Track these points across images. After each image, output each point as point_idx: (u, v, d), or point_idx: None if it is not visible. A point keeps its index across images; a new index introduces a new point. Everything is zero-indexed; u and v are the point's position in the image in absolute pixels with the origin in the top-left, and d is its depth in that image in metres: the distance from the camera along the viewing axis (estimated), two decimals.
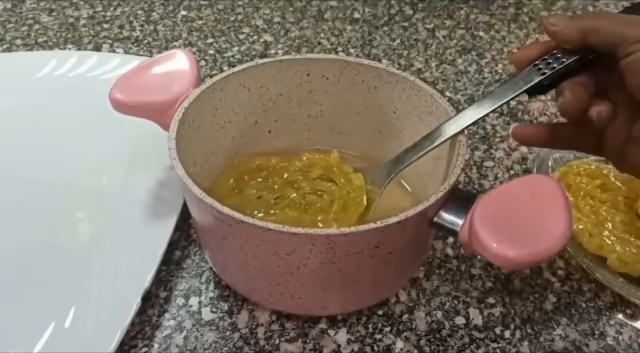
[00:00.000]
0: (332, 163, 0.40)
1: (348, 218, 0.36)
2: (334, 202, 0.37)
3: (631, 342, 0.37)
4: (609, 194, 0.43)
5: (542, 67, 0.33)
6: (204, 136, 0.38)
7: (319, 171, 0.39)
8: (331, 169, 0.39)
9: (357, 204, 0.37)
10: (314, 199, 0.38)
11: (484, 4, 0.70)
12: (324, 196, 0.38)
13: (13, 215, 0.42)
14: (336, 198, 0.37)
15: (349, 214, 0.37)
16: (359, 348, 0.36)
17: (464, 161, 0.33)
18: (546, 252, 0.28)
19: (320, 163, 0.40)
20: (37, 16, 0.66)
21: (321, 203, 0.37)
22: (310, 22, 0.66)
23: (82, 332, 0.34)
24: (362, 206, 0.37)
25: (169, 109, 0.36)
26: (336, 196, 0.38)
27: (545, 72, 0.33)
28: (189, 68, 0.38)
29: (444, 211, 0.31)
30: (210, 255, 0.38)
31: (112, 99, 0.37)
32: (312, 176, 0.39)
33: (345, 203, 0.37)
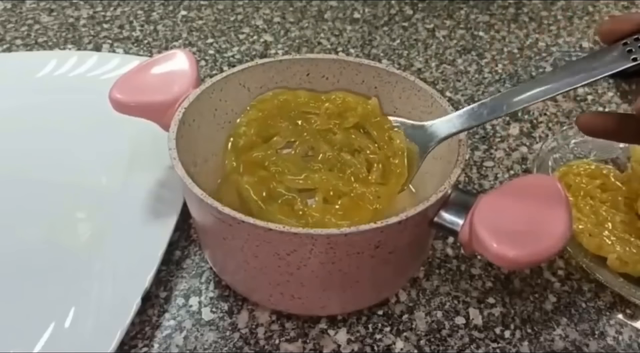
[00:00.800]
0: (370, 112, 0.35)
1: (389, 192, 0.33)
2: (372, 167, 0.34)
3: (631, 342, 0.37)
4: (609, 194, 0.43)
5: (633, 50, 0.28)
6: (204, 136, 0.38)
7: (354, 119, 0.35)
8: (369, 119, 0.35)
9: (398, 176, 0.33)
10: (349, 160, 0.34)
11: (484, 4, 0.70)
12: (361, 157, 0.34)
13: (13, 215, 0.42)
14: (375, 161, 0.34)
15: (390, 187, 0.33)
16: (359, 348, 0.36)
17: (464, 161, 0.33)
18: (546, 252, 0.28)
19: (356, 108, 0.35)
20: (37, 16, 0.66)
21: (358, 166, 0.33)
22: (310, 22, 0.66)
23: (82, 332, 0.34)
24: (404, 178, 0.33)
25: (169, 109, 0.36)
26: (375, 159, 0.34)
27: (636, 58, 0.28)
28: (189, 68, 0.38)
29: (444, 211, 0.31)
30: (210, 255, 0.38)
31: (112, 99, 0.37)
32: (347, 125, 0.35)
33: (385, 171, 0.33)
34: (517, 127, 0.53)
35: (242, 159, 0.34)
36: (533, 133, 0.52)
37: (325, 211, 0.32)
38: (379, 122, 0.35)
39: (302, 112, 0.36)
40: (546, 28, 0.66)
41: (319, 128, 0.35)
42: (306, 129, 0.35)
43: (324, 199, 0.32)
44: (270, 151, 0.34)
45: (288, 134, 0.35)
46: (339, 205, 0.32)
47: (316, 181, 0.33)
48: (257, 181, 0.33)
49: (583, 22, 0.68)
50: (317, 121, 0.35)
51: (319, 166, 0.34)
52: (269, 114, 0.35)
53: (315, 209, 0.32)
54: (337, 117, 0.35)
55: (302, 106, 0.36)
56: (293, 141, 0.35)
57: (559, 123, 0.53)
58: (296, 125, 0.35)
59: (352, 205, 0.32)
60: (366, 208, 0.32)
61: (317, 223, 0.32)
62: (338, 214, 0.32)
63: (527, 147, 0.51)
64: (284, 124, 0.35)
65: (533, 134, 0.52)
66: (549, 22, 0.67)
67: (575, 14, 0.69)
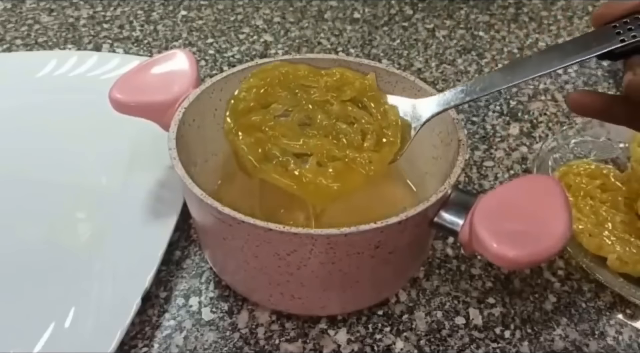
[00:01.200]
0: (367, 86, 0.36)
1: (382, 159, 0.33)
2: (366, 136, 0.34)
3: (631, 342, 0.37)
4: (609, 194, 0.43)
5: (622, 32, 0.30)
6: (204, 136, 0.38)
7: (352, 93, 0.36)
8: (365, 93, 0.36)
9: (391, 144, 0.34)
10: (344, 128, 0.34)
11: (484, 4, 0.70)
12: (355, 127, 0.34)
13: (13, 215, 0.42)
14: (369, 131, 0.34)
15: (382, 154, 0.34)
16: (359, 348, 0.36)
17: (464, 161, 0.33)
18: (546, 252, 0.28)
19: (354, 82, 0.36)
20: (37, 16, 0.66)
21: (352, 135, 0.34)
22: (310, 22, 0.66)
23: (82, 332, 0.34)
24: (396, 147, 0.34)
25: (169, 109, 0.36)
26: (369, 129, 0.34)
27: (624, 39, 0.30)
28: (189, 68, 0.38)
29: (445, 211, 0.31)
30: (210, 255, 0.38)
31: (112, 99, 0.37)
32: (344, 98, 0.35)
33: (379, 140, 0.34)
34: (517, 127, 0.53)
35: (240, 122, 0.34)
36: (533, 133, 0.52)
37: (319, 173, 0.32)
38: (375, 96, 0.36)
39: (301, 84, 0.36)
40: (546, 28, 0.66)
41: (317, 99, 0.35)
42: (304, 98, 0.35)
43: (318, 163, 0.33)
44: (268, 116, 0.34)
45: (286, 103, 0.35)
46: (332, 168, 0.32)
47: (311, 146, 0.33)
48: (253, 142, 0.33)
49: (583, 22, 0.68)
50: (315, 92, 0.36)
51: (315, 133, 0.34)
52: (269, 83, 0.36)
53: (309, 170, 0.32)
54: (335, 91, 0.36)
55: (302, 78, 0.36)
56: (291, 110, 0.35)
57: (559, 123, 0.53)
58: (295, 95, 0.35)
59: (344, 169, 0.32)
60: (358, 172, 0.33)
61: (309, 184, 0.32)
62: (331, 177, 0.32)
63: (527, 147, 0.51)
64: (283, 93, 0.35)
65: (533, 134, 0.52)
66: (549, 22, 0.67)
67: (575, 14, 0.69)
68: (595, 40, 0.31)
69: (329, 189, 0.32)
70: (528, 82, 0.58)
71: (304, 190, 0.32)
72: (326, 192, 0.32)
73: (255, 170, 0.32)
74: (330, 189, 0.32)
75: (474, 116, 0.54)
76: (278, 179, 0.32)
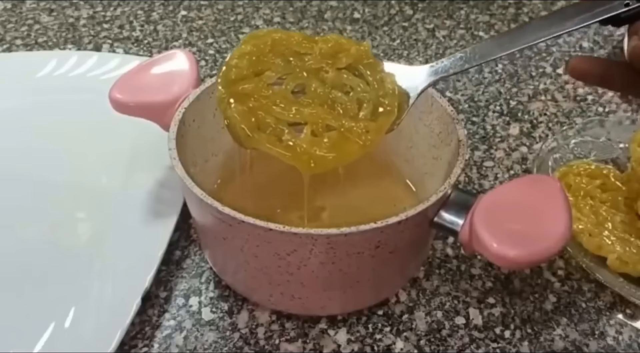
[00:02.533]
0: (363, 53, 0.35)
1: (378, 128, 0.33)
2: (362, 104, 0.33)
3: (631, 342, 0.37)
4: (609, 194, 0.43)
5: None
6: (204, 137, 0.38)
7: (348, 60, 0.35)
8: (361, 61, 0.35)
9: (388, 113, 0.33)
10: (339, 97, 0.33)
11: (484, 4, 0.70)
12: (351, 95, 0.34)
13: (13, 215, 0.42)
14: (365, 100, 0.33)
15: (379, 123, 0.33)
16: (359, 348, 0.36)
17: (464, 161, 0.33)
18: (546, 252, 0.28)
19: (349, 49, 0.35)
20: (37, 16, 0.66)
21: (348, 104, 0.33)
22: (310, 22, 0.66)
23: (82, 332, 0.34)
24: (393, 115, 0.33)
25: (169, 110, 0.36)
26: (366, 98, 0.33)
27: (628, 3, 0.29)
28: (189, 68, 0.38)
29: (445, 211, 0.31)
30: (210, 255, 0.38)
31: (112, 99, 0.37)
32: (340, 65, 0.34)
33: (375, 108, 0.33)
34: (517, 127, 0.53)
35: (232, 90, 0.33)
36: (533, 133, 0.52)
37: (313, 143, 0.31)
38: (371, 63, 0.35)
39: (295, 51, 0.35)
40: None
41: (311, 66, 0.34)
42: (298, 66, 0.34)
43: (312, 132, 0.32)
44: (260, 83, 0.33)
45: (280, 70, 0.34)
46: (327, 138, 0.32)
47: (305, 115, 0.32)
48: (246, 111, 0.32)
49: None
50: (309, 59, 0.35)
51: (309, 102, 0.33)
52: (261, 49, 0.35)
53: (303, 140, 0.31)
54: (329, 58, 0.35)
55: (295, 45, 0.35)
56: (284, 77, 0.34)
57: (559, 123, 0.53)
58: (288, 62, 0.34)
59: (340, 139, 0.32)
60: (355, 141, 0.32)
61: (303, 154, 0.31)
62: (326, 147, 0.31)
63: (527, 147, 0.51)
64: (276, 60, 0.34)
65: (533, 134, 0.52)
66: None
67: None
68: (600, 4, 0.30)
69: (324, 159, 0.31)
70: (528, 83, 0.58)
71: (298, 160, 0.31)
72: (321, 162, 0.31)
73: (248, 139, 0.32)
74: (325, 159, 0.31)
75: (474, 116, 0.54)
76: (271, 149, 0.31)
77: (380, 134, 0.32)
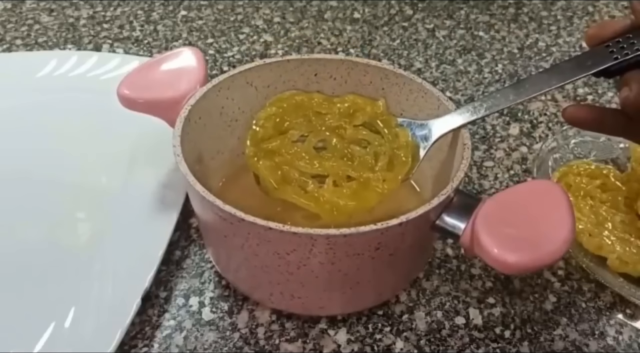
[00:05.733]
0: (378, 111, 0.38)
1: (395, 177, 0.35)
2: (379, 157, 0.36)
3: (631, 342, 0.37)
4: (609, 194, 0.43)
5: (615, 51, 0.32)
6: (210, 134, 0.38)
7: (364, 117, 0.37)
8: (377, 117, 0.37)
9: (402, 164, 0.35)
10: (357, 150, 0.36)
11: (484, 4, 0.70)
12: (368, 149, 0.36)
13: (13, 215, 0.42)
14: (382, 153, 0.36)
15: (395, 173, 0.35)
16: (359, 348, 0.36)
17: (467, 164, 0.33)
18: (548, 258, 0.28)
19: (365, 108, 0.38)
20: (37, 16, 0.66)
21: (366, 156, 0.35)
22: (310, 22, 0.66)
23: (82, 332, 0.34)
24: (407, 166, 0.35)
25: (176, 106, 0.36)
26: (382, 151, 0.36)
27: (617, 57, 0.31)
28: (197, 66, 0.38)
29: (447, 214, 0.31)
30: (212, 253, 0.38)
31: (120, 95, 0.37)
32: (357, 122, 0.37)
33: (391, 160, 0.36)
34: (517, 127, 0.53)
35: (260, 147, 0.36)
36: (533, 133, 0.52)
37: (335, 192, 0.34)
38: (386, 120, 0.37)
39: (315, 111, 0.38)
40: (546, 28, 0.66)
41: (331, 124, 0.37)
42: (319, 124, 0.37)
43: (334, 183, 0.34)
44: (285, 141, 0.36)
45: (302, 128, 0.37)
46: (347, 188, 0.34)
47: (327, 167, 0.35)
48: (272, 166, 0.35)
49: (583, 22, 0.68)
50: (329, 118, 0.37)
51: (330, 156, 0.35)
52: (285, 110, 0.37)
53: (326, 190, 0.34)
54: (347, 116, 0.37)
55: (316, 106, 0.38)
56: (306, 135, 0.36)
57: (559, 123, 0.53)
58: (310, 121, 0.37)
59: (360, 188, 0.34)
60: (374, 190, 0.34)
61: (326, 203, 0.33)
62: (347, 196, 0.34)
63: (527, 147, 0.51)
64: (299, 120, 0.37)
65: (533, 134, 0.52)
66: (549, 22, 0.67)
67: (575, 14, 0.69)
68: (590, 59, 0.32)
69: (345, 208, 0.33)
70: None
71: (322, 209, 0.33)
72: (342, 210, 0.33)
73: (275, 191, 0.34)
74: (347, 208, 0.33)
75: None
76: (297, 199, 0.34)
77: (396, 182, 0.35)
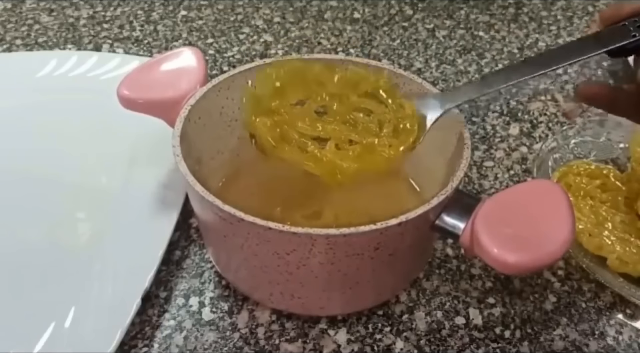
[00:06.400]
0: (382, 83, 0.36)
1: (400, 144, 0.33)
2: (383, 125, 0.34)
3: (631, 342, 0.37)
4: (609, 194, 0.43)
5: (632, 29, 0.31)
6: (210, 134, 0.38)
7: (367, 87, 0.35)
8: (381, 87, 0.35)
9: (409, 131, 0.34)
10: (361, 117, 0.34)
11: (484, 4, 0.70)
12: (372, 117, 0.34)
13: (13, 215, 0.42)
14: (386, 120, 0.34)
15: (400, 139, 0.33)
16: (359, 348, 0.36)
17: (467, 164, 0.33)
18: (548, 258, 0.28)
19: (368, 78, 0.36)
20: (37, 16, 0.66)
21: (370, 124, 0.34)
22: (310, 22, 0.66)
23: (82, 332, 0.34)
24: (414, 134, 0.34)
25: (177, 106, 0.36)
26: (387, 118, 0.34)
27: (635, 34, 0.31)
28: (197, 66, 0.38)
29: (446, 214, 0.31)
30: (212, 253, 0.38)
31: (120, 95, 0.37)
32: (359, 92, 0.35)
33: (395, 128, 0.34)
34: (517, 127, 0.53)
35: (258, 106, 0.34)
36: (533, 133, 0.52)
37: (338, 154, 0.32)
38: (390, 90, 0.36)
39: (315, 79, 0.36)
40: (546, 28, 0.66)
41: (332, 92, 0.35)
42: (320, 90, 0.35)
43: (336, 146, 0.33)
44: (284, 102, 0.34)
45: (302, 94, 0.35)
46: (351, 151, 0.32)
47: (329, 131, 0.33)
48: (271, 124, 0.33)
49: (583, 22, 0.68)
50: (331, 88, 0.36)
51: (332, 120, 0.34)
52: (286, 72, 0.36)
53: (328, 151, 0.32)
54: (350, 86, 0.36)
55: (318, 74, 0.36)
56: (305, 100, 0.35)
57: (559, 123, 0.53)
58: (310, 88, 0.35)
59: (364, 151, 0.33)
60: (379, 154, 0.33)
61: (328, 163, 0.32)
62: (350, 158, 0.32)
63: (527, 147, 0.51)
64: (298, 86, 0.35)
65: (533, 134, 0.52)
66: (549, 22, 0.67)
67: (575, 14, 0.69)
68: (608, 36, 0.31)
69: (349, 170, 0.32)
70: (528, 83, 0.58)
71: (323, 170, 0.32)
72: (346, 172, 0.32)
73: (273, 150, 0.33)
74: (349, 169, 0.32)
75: (473, 116, 0.54)
76: (297, 159, 0.32)
77: (402, 149, 0.33)
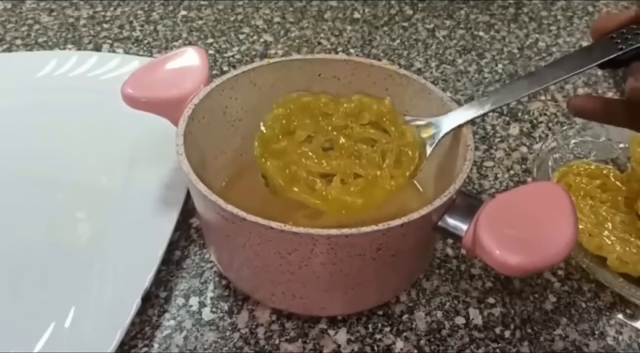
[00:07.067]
0: (384, 110, 0.37)
1: (402, 174, 0.35)
2: (386, 155, 0.35)
3: (631, 342, 0.37)
4: (609, 194, 0.43)
5: (620, 41, 0.32)
6: (213, 134, 0.38)
7: (370, 117, 0.37)
8: (383, 115, 0.37)
9: (410, 161, 0.35)
10: (364, 149, 0.36)
11: (484, 4, 0.70)
12: (375, 147, 0.36)
13: (13, 215, 0.42)
14: (389, 150, 0.36)
15: (402, 170, 0.35)
16: (359, 348, 0.36)
17: (470, 165, 0.33)
18: (550, 260, 0.28)
19: (372, 106, 0.37)
20: (37, 16, 0.66)
21: (373, 155, 0.35)
22: (310, 22, 0.66)
23: (82, 332, 0.34)
24: (415, 162, 0.35)
25: (180, 105, 0.36)
26: (389, 149, 0.36)
27: (622, 47, 0.32)
28: (201, 65, 0.38)
29: (449, 215, 0.31)
30: (214, 252, 0.38)
31: (124, 94, 0.37)
32: (363, 122, 0.37)
33: (398, 157, 0.36)
34: (517, 127, 0.53)
35: (268, 148, 0.35)
36: (533, 133, 0.52)
37: (343, 190, 0.34)
38: (392, 118, 0.37)
39: (322, 112, 0.37)
40: (546, 28, 0.67)
41: (337, 124, 0.37)
42: (326, 124, 0.37)
43: (342, 181, 0.34)
44: (292, 141, 0.36)
45: (309, 129, 0.36)
46: (354, 186, 0.34)
47: (334, 166, 0.35)
48: (280, 165, 0.35)
49: (583, 22, 0.68)
50: (336, 118, 0.37)
51: (337, 154, 0.35)
52: (292, 110, 0.37)
53: (333, 188, 0.34)
54: (354, 116, 0.37)
55: (323, 107, 0.38)
56: (313, 135, 0.36)
57: (559, 123, 0.53)
58: (317, 121, 0.37)
59: (367, 185, 0.34)
60: (381, 187, 0.34)
61: (334, 201, 0.33)
62: (354, 193, 0.34)
63: (527, 147, 0.51)
64: (306, 120, 0.37)
65: (533, 134, 0.52)
66: (549, 22, 0.67)
67: (575, 14, 0.69)
68: (596, 50, 0.33)
69: (354, 205, 0.33)
70: None
71: (330, 207, 0.33)
72: (351, 208, 0.33)
73: (283, 191, 0.34)
74: (355, 205, 0.33)
75: None
76: (305, 198, 0.34)
77: (403, 179, 0.35)
